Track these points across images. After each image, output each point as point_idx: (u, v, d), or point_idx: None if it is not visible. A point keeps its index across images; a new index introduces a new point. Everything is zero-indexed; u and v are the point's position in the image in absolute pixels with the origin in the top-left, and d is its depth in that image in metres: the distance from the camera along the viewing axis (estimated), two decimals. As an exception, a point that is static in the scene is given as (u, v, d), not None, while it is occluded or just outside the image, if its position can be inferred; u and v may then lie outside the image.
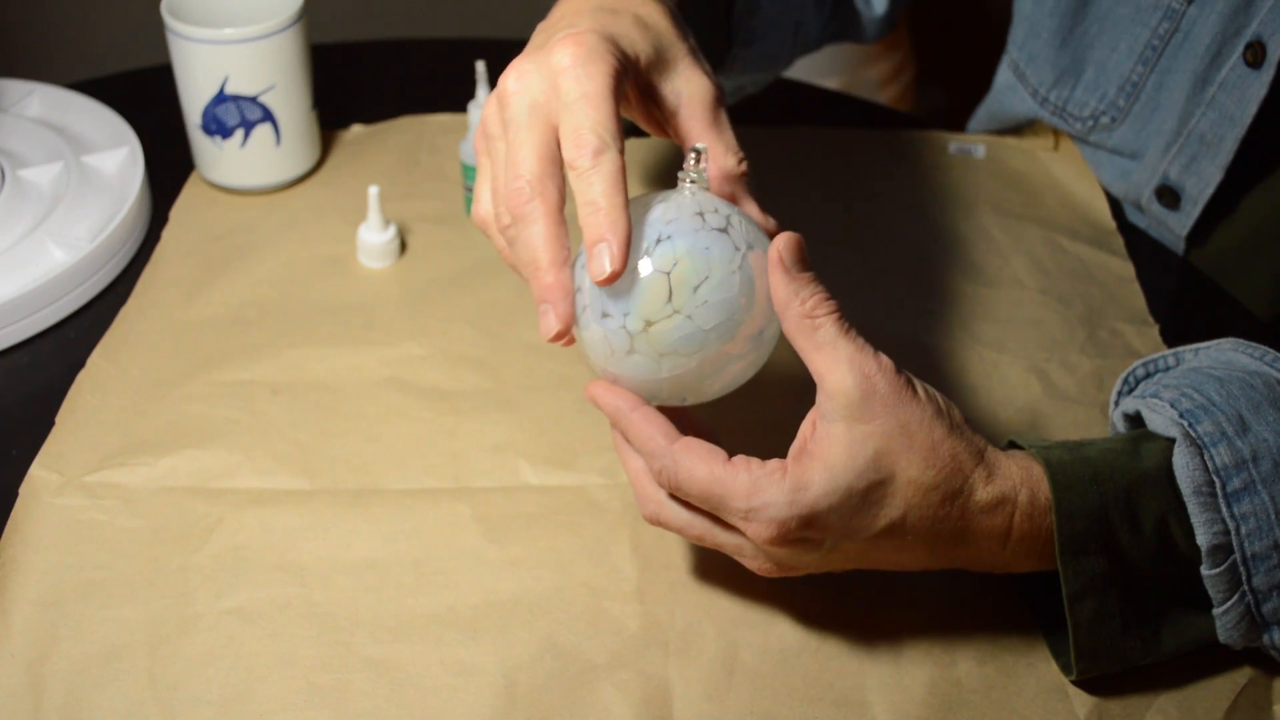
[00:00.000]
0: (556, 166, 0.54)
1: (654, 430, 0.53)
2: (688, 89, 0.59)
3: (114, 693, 0.56)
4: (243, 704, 0.55)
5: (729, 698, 0.57)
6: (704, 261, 0.52)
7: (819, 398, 0.52)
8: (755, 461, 0.52)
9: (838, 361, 0.51)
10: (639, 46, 0.57)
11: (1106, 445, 0.56)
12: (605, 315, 0.52)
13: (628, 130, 0.63)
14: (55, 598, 0.59)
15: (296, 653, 0.58)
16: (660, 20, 0.59)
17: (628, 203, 0.52)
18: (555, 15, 0.60)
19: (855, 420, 0.51)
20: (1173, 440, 0.55)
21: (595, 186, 0.51)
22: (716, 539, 0.54)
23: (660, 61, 0.58)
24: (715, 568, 0.62)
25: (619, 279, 0.51)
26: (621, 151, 0.53)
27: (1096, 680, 0.58)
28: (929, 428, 0.52)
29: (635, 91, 0.59)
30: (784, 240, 0.52)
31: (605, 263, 0.51)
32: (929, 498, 0.52)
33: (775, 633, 0.59)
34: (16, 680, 0.56)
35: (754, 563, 0.55)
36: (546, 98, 0.54)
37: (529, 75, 0.54)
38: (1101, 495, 0.54)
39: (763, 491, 0.50)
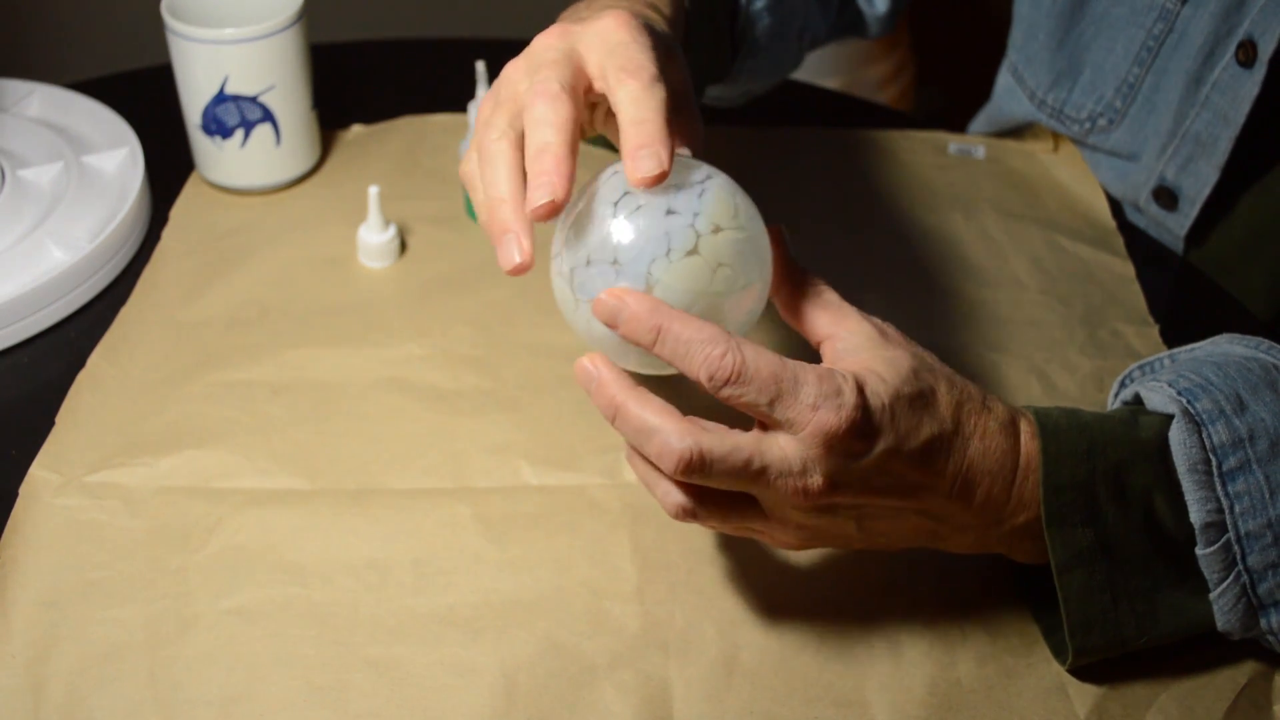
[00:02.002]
0: (584, 96, 0.54)
1: (710, 324, 0.50)
2: (692, 129, 0.60)
3: (114, 693, 0.56)
4: (243, 704, 0.55)
5: (729, 698, 0.57)
6: (749, 201, 0.54)
7: (834, 345, 0.53)
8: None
9: (847, 314, 0.54)
10: (669, 44, 0.58)
11: (1104, 414, 0.57)
12: (671, 212, 0.51)
13: (602, 142, 0.63)
14: (55, 598, 0.60)
15: (296, 653, 0.58)
16: (680, 50, 0.61)
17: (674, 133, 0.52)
18: (578, 10, 0.61)
19: (879, 348, 0.53)
20: (1170, 417, 0.56)
21: (650, 104, 0.51)
22: (766, 455, 0.50)
23: (681, 77, 0.59)
24: (715, 568, 0.62)
25: (663, 181, 0.51)
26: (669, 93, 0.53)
27: (1097, 678, 0.58)
28: (940, 363, 0.55)
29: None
30: (781, 228, 0.56)
31: (652, 164, 0.50)
32: (961, 411, 0.53)
33: (775, 633, 0.59)
34: (16, 680, 0.56)
35: (800, 480, 0.50)
36: (586, 50, 0.54)
37: (572, 32, 0.55)
38: (1091, 469, 0.54)
39: (832, 380, 0.50)
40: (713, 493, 0.52)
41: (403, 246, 0.82)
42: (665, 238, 0.51)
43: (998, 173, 0.92)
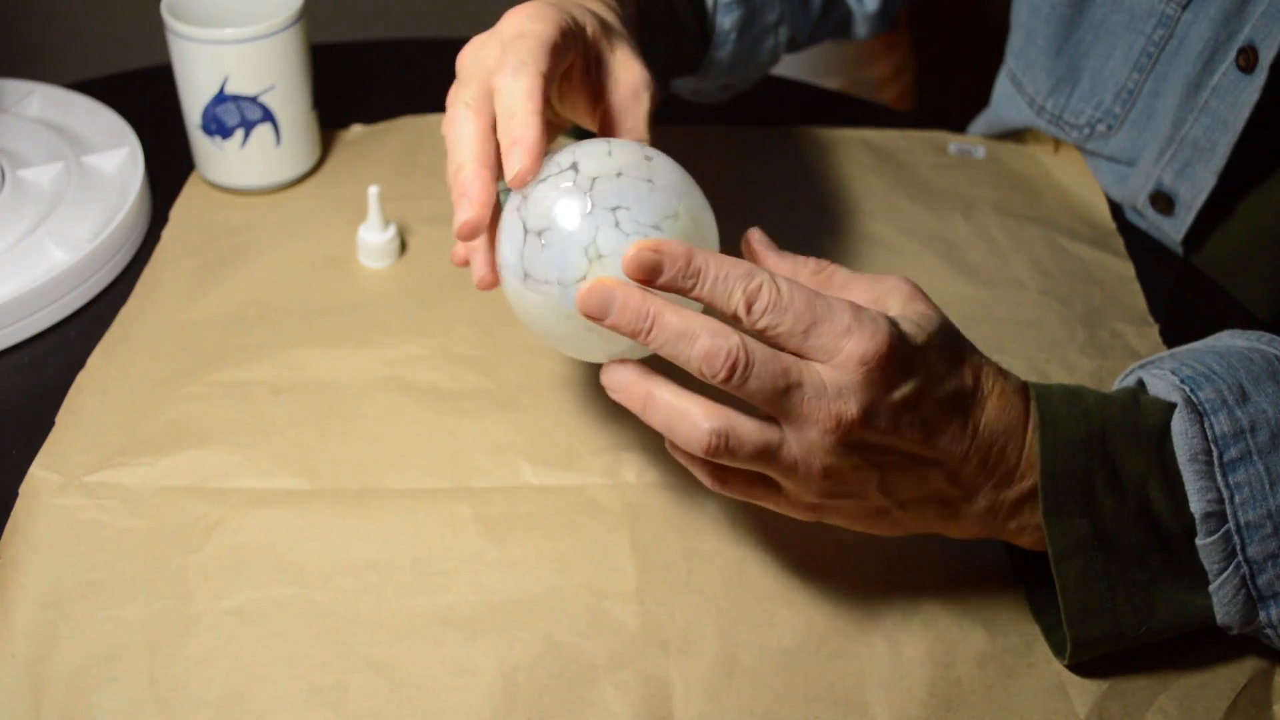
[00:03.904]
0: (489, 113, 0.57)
1: (740, 260, 0.51)
2: (623, 74, 0.61)
3: (114, 693, 0.56)
4: (243, 704, 0.55)
5: (729, 698, 0.57)
6: None
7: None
8: None
9: (869, 284, 0.56)
10: (587, 19, 0.60)
11: (1107, 395, 0.57)
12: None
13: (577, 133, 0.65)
14: (55, 598, 0.59)
15: (296, 653, 0.58)
16: (608, 12, 0.63)
17: (542, 114, 0.54)
18: None
19: (916, 306, 0.54)
20: (1173, 404, 0.56)
21: (513, 96, 0.54)
22: (804, 372, 0.50)
23: (606, 37, 0.61)
24: (715, 568, 0.62)
25: (531, 176, 0.53)
26: (546, 77, 0.55)
27: (1097, 678, 0.58)
28: (959, 331, 0.56)
29: (580, 62, 0.60)
30: (755, 231, 0.57)
31: (516, 159, 0.53)
32: (980, 371, 0.54)
33: (775, 633, 0.59)
34: (16, 680, 0.56)
35: (835, 404, 0.50)
36: (491, 54, 0.57)
37: (480, 44, 0.58)
38: (1089, 458, 0.54)
39: (864, 311, 0.50)
40: (740, 427, 0.50)
41: (403, 246, 0.82)
42: (686, 179, 0.55)
43: (998, 173, 0.92)
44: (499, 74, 0.55)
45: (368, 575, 0.61)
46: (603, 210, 0.52)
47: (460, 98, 0.56)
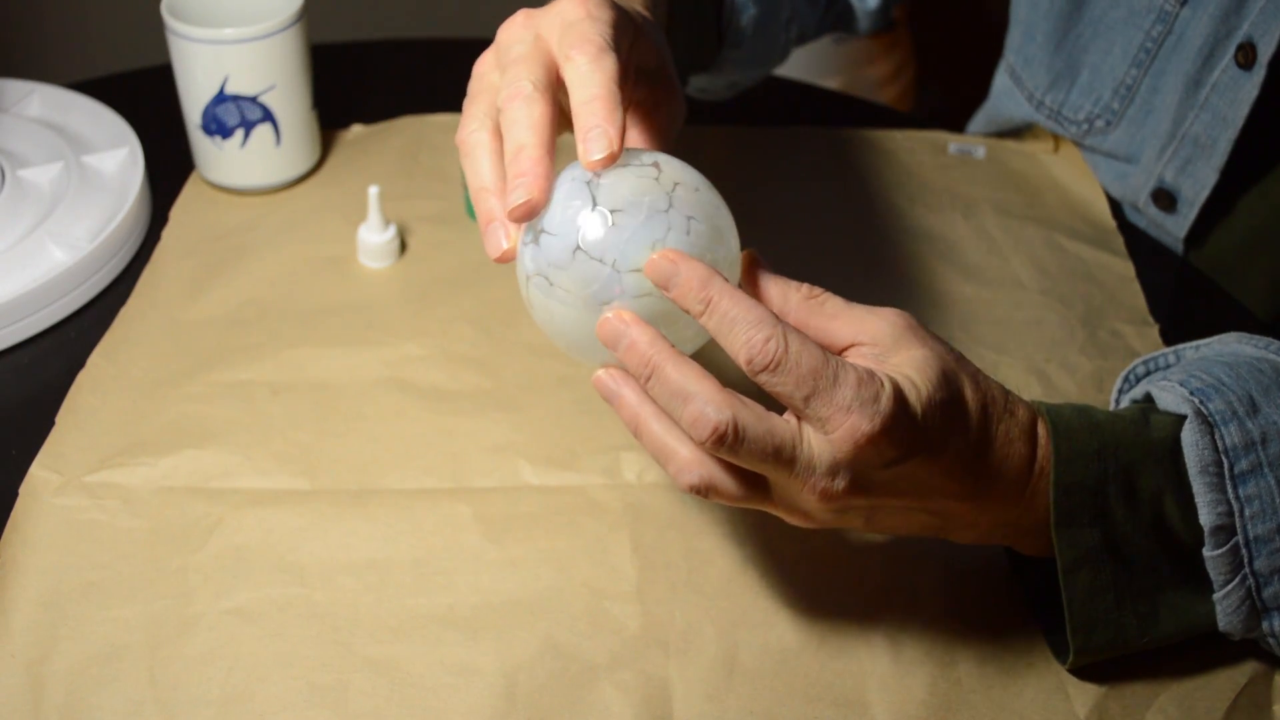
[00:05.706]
0: (557, 87, 0.53)
1: (761, 306, 0.49)
2: (665, 102, 0.60)
3: (114, 693, 0.56)
4: (243, 704, 0.56)
5: (729, 698, 0.57)
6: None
7: (860, 351, 0.52)
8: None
9: (862, 317, 0.52)
10: (637, 21, 0.58)
11: (1116, 413, 0.56)
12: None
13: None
14: (55, 598, 0.60)
15: (296, 653, 0.58)
16: (649, 15, 0.61)
17: (623, 102, 0.52)
18: None
19: (910, 349, 0.51)
20: (1182, 417, 0.55)
21: (595, 81, 0.51)
22: (796, 448, 0.50)
23: (651, 46, 0.59)
24: (715, 568, 0.62)
25: (613, 162, 0.51)
26: (625, 66, 0.53)
27: (1097, 678, 0.58)
28: (961, 357, 0.54)
29: (624, 59, 0.58)
30: (751, 252, 0.54)
31: (603, 145, 0.50)
32: (986, 415, 0.53)
33: (775, 633, 0.59)
34: (16, 680, 0.56)
35: (824, 480, 0.50)
36: (549, 33, 0.54)
37: (535, 17, 0.55)
38: (1103, 470, 0.54)
39: (872, 384, 0.49)
40: (727, 472, 0.51)
41: (403, 246, 0.82)
42: (699, 179, 0.54)
43: (998, 173, 0.92)
44: (579, 53, 0.52)
45: (368, 575, 0.61)
46: (679, 214, 0.51)
47: (523, 74, 0.53)
